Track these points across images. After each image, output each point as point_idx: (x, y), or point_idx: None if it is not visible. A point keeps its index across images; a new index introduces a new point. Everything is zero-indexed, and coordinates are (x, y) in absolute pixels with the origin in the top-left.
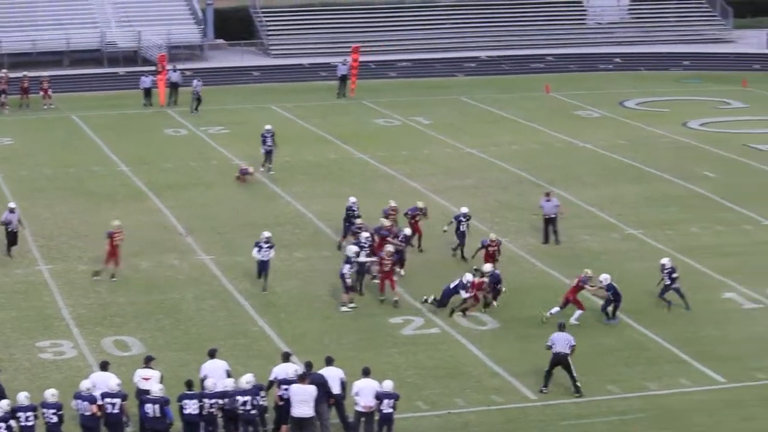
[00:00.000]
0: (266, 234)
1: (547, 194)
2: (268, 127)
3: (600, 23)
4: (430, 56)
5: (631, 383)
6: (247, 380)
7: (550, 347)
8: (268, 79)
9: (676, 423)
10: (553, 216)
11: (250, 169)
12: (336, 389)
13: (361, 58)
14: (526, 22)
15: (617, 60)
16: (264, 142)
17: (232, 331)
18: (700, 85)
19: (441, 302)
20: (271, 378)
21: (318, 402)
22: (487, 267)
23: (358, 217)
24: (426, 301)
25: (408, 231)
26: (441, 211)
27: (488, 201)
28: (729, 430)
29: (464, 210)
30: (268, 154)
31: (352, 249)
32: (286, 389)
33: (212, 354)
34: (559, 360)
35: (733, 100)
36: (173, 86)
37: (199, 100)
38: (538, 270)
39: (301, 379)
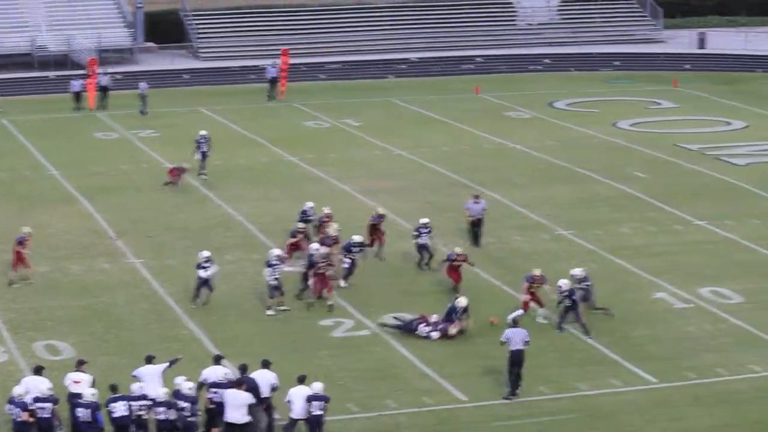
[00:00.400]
0: (206, 253)
1: (476, 196)
2: (203, 132)
3: (530, 24)
4: (360, 58)
5: (562, 384)
6: (189, 387)
7: (505, 343)
8: (198, 82)
9: (607, 423)
10: (480, 218)
11: (185, 165)
12: (266, 393)
13: (291, 61)
14: (456, 24)
15: (547, 61)
16: (199, 148)
17: (163, 335)
18: (630, 85)
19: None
20: (200, 380)
21: (252, 406)
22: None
23: (309, 221)
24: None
25: (359, 238)
26: (371, 213)
27: (418, 203)
28: (659, 429)
29: (424, 220)
30: (203, 158)
31: (273, 253)
32: (215, 392)
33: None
34: (518, 357)
35: (664, 100)
36: (103, 90)
37: (145, 102)
38: (468, 271)
39: (238, 384)
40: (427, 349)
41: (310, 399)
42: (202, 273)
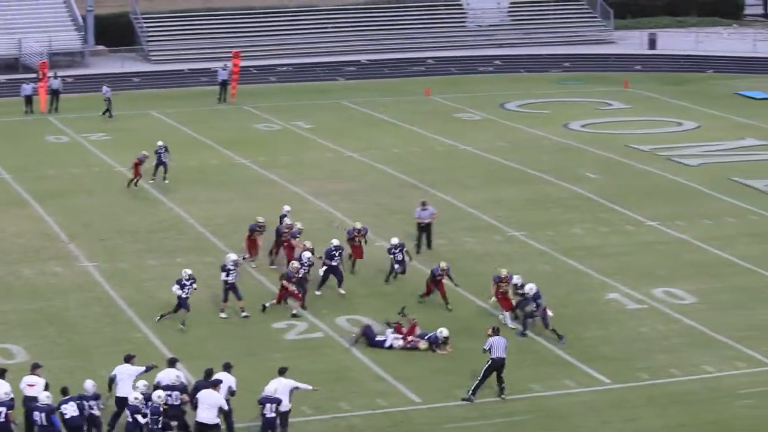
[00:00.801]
0: (188, 271)
1: (423, 203)
2: (160, 143)
3: (480, 26)
4: (310, 61)
5: (516, 385)
6: (143, 384)
7: (487, 350)
8: (149, 85)
9: (562, 424)
10: (428, 222)
11: (145, 153)
12: (223, 396)
13: (242, 63)
14: (406, 26)
15: (497, 62)
16: (158, 157)
17: (116, 338)
18: (581, 86)
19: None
20: (155, 383)
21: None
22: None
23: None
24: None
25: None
26: (322, 216)
27: (369, 205)
28: (614, 430)
29: (394, 241)
30: (161, 165)
31: (230, 258)
32: (169, 395)
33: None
34: (499, 364)
35: (615, 101)
36: (54, 93)
37: (110, 105)
38: (415, 271)
39: (213, 385)
40: (380, 351)
41: (263, 401)
42: (178, 290)
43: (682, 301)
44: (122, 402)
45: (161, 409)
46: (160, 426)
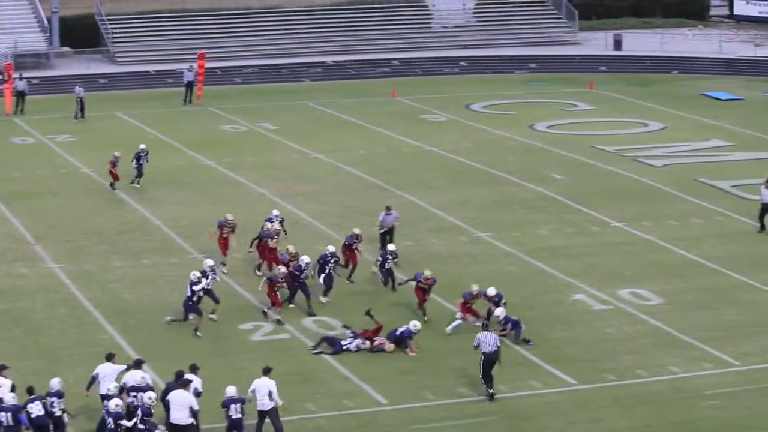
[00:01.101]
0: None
1: (388, 208)
2: (142, 146)
3: (445, 27)
4: (276, 62)
5: (481, 387)
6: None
7: (477, 347)
8: (115, 87)
9: (528, 425)
10: (392, 226)
11: (117, 153)
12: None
13: (207, 65)
14: (371, 27)
15: (463, 63)
16: (138, 161)
17: (82, 340)
18: (546, 87)
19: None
20: (121, 384)
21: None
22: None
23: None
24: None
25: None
26: (289, 217)
27: (335, 206)
28: (579, 431)
29: (391, 248)
30: (139, 168)
31: (207, 263)
32: (134, 396)
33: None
34: (491, 358)
35: (580, 102)
36: (20, 95)
37: (82, 106)
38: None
39: (183, 385)
40: (346, 352)
41: (227, 403)
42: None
43: (648, 302)
44: (105, 399)
45: (152, 410)
46: (147, 428)
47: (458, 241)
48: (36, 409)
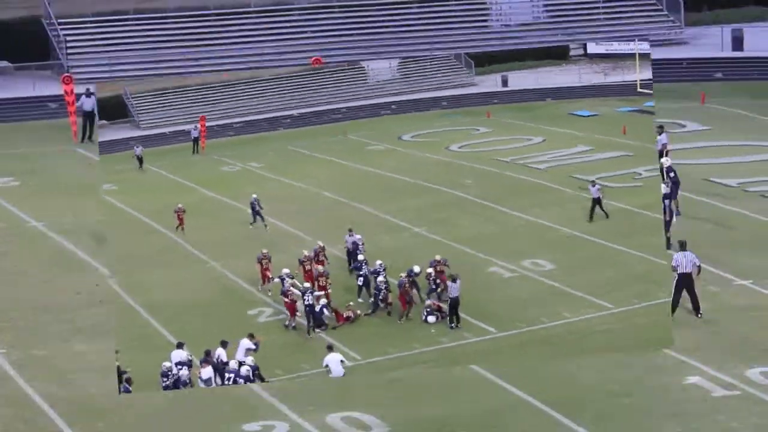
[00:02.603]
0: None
1: (350, 230)
2: (254, 195)
3: (378, 81)
4: (256, 117)
5: (429, 339)
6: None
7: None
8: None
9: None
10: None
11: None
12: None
13: (207, 124)
14: (324, 87)
15: (393, 106)
16: (253, 208)
17: None
18: (457, 118)
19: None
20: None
21: None
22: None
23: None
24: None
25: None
26: (275, 229)
27: (313, 221)
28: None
29: (416, 269)
30: (258, 215)
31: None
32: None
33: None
34: (454, 303)
35: (481, 127)
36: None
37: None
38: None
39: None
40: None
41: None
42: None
43: (544, 268)
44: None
45: None
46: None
47: (402, 236)
48: None
